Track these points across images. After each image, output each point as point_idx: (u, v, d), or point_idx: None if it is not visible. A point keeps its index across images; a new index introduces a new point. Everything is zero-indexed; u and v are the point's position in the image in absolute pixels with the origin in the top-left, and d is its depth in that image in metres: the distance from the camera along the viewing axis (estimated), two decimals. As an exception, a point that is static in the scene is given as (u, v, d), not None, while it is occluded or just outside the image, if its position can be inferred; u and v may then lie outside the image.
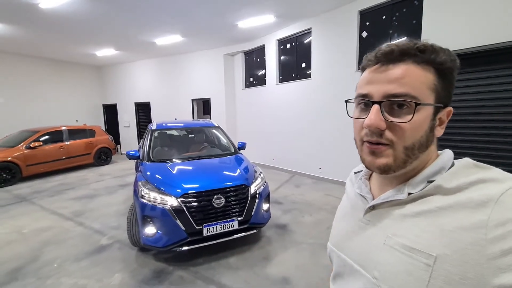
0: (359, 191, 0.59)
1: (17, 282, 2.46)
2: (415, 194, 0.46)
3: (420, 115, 0.45)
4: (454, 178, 0.44)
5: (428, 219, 0.43)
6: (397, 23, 4.31)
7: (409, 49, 0.46)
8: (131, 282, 2.43)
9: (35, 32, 5.94)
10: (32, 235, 3.43)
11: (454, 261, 0.38)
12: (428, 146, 0.48)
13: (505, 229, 0.36)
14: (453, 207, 0.41)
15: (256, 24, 5.73)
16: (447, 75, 0.47)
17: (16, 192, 5.36)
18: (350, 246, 0.56)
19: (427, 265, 0.40)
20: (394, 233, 0.47)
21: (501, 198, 0.38)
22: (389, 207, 0.50)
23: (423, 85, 0.45)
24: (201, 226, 2.56)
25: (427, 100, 0.45)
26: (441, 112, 0.48)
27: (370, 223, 0.53)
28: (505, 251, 0.35)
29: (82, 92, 9.82)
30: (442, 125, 0.49)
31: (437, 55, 0.46)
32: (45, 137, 6.69)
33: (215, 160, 3.42)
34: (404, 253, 0.44)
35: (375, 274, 0.47)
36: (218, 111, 7.93)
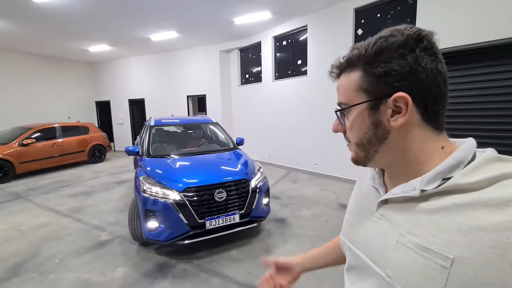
0: (372, 182, 0.58)
1: (19, 278, 2.46)
2: (430, 191, 0.44)
3: (353, 116, 0.50)
4: (474, 173, 0.40)
5: (445, 217, 0.41)
6: (392, 21, 4.40)
7: (338, 65, 0.53)
8: (135, 275, 2.46)
9: (27, 27, 5.82)
10: (31, 231, 3.41)
11: (474, 264, 0.36)
12: (381, 139, 0.48)
13: None
14: (472, 205, 0.38)
15: (252, 21, 5.75)
16: (370, 69, 0.46)
17: (10, 190, 5.28)
18: (362, 240, 0.56)
19: (443, 267, 0.38)
20: (407, 231, 0.45)
21: None
22: (403, 202, 0.48)
23: (348, 90, 0.50)
24: (203, 220, 2.61)
25: (355, 100, 0.49)
26: (384, 104, 0.46)
27: (383, 218, 0.51)
28: None
29: (74, 88, 9.66)
30: (402, 113, 0.45)
31: (350, 61, 0.49)
32: (38, 134, 6.58)
33: (215, 155, 3.46)
34: (419, 253, 0.42)
35: (388, 272, 0.46)
36: (213, 107, 7.93)
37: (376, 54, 0.46)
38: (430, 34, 0.47)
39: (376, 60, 0.46)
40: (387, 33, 0.46)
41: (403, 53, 0.44)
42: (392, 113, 0.46)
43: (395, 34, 0.46)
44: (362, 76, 0.47)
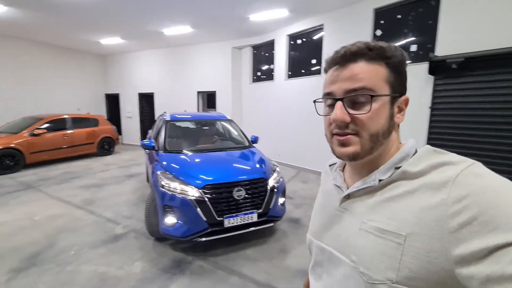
0: (335, 182, 0.63)
1: (37, 268, 2.46)
2: (385, 180, 0.51)
3: (378, 105, 0.51)
4: (417, 163, 0.49)
5: (398, 202, 0.48)
6: (413, 22, 4.32)
7: (360, 49, 0.52)
8: (152, 270, 2.45)
9: (42, 16, 5.80)
10: (45, 222, 3.41)
11: (422, 237, 0.43)
12: (390, 132, 0.53)
13: (461, 205, 0.40)
14: (419, 190, 0.46)
15: (268, 18, 5.69)
16: (397, 68, 0.53)
17: (21, 179, 5.30)
18: (328, 235, 0.60)
19: (398, 244, 0.45)
20: (368, 219, 0.51)
21: (457, 178, 0.43)
22: (362, 195, 0.55)
23: (376, 78, 0.51)
24: (222, 218, 2.58)
25: (382, 91, 0.51)
26: (398, 101, 0.54)
27: (346, 211, 0.57)
28: (461, 224, 0.40)
29: (84, 80, 9.65)
30: (401, 112, 0.55)
31: (384, 51, 0.52)
32: (49, 124, 6.59)
33: (232, 153, 3.43)
34: (378, 235, 0.48)
35: (353, 258, 0.51)
36: (223, 104, 7.90)
37: (404, 58, 0.54)
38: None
39: (403, 62, 0.54)
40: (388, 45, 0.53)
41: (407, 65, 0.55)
42: (398, 110, 0.54)
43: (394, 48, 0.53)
44: (389, 71, 0.52)
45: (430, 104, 4.07)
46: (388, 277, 0.45)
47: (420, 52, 4.24)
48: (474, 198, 0.40)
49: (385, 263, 0.46)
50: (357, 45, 0.52)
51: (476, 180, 0.42)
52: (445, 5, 3.80)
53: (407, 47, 4.37)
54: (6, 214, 3.63)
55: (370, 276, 0.47)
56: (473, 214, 0.39)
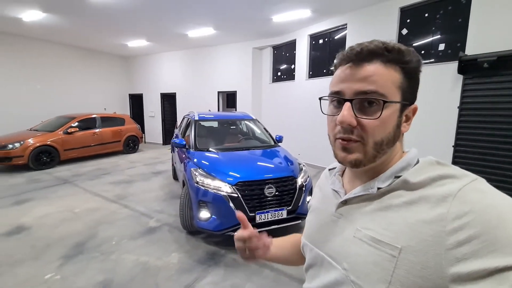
0: (333, 186, 0.62)
1: (84, 256, 2.67)
2: (384, 188, 0.50)
3: (388, 112, 0.48)
4: (418, 173, 0.47)
5: (395, 213, 0.46)
6: (441, 21, 4.25)
7: (377, 48, 0.48)
8: (189, 261, 2.60)
9: (77, 21, 6.16)
10: (84, 214, 3.66)
11: (417, 252, 0.41)
12: (395, 141, 0.51)
13: (461, 222, 0.39)
14: (417, 202, 0.44)
15: (290, 19, 5.75)
16: (412, 74, 0.50)
17: (57, 175, 5.67)
18: (322, 239, 0.59)
19: (392, 256, 0.43)
20: (363, 227, 0.50)
21: (458, 193, 0.41)
22: (360, 202, 0.53)
23: (390, 83, 0.48)
24: (253, 213, 2.69)
25: (394, 97, 0.48)
26: (407, 109, 0.51)
27: (342, 217, 0.56)
28: (460, 242, 0.38)
29: (110, 81, 10.10)
30: (408, 122, 0.52)
31: (403, 55, 0.48)
32: (80, 123, 6.98)
33: (259, 152, 3.53)
34: (372, 245, 0.47)
35: (344, 265, 0.50)
36: (243, 104, 8.03)
37: (420, 64, 0.50)
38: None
39: (418, 68, 0.50)
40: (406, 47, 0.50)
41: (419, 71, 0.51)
42: (405, 119, 0.52)
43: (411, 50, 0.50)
44: (404, 76, 0.49)
45: (459, 104, 3.99)
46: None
47: (449, 51, 4.17)
48: (475, 216, 0.39)
49: (377, 275, 0.45)
50: (375, 43, 0.49)
51: (478, 196, 0.41)
52: (476, 2, 3.72)
53: (435, 46, 4.31)
54: (48, 206, 3.92)
55: (360, 286, 0.47)
56: (474, 232, 0.38)
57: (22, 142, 5.85)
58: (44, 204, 3.99)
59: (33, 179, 5.33)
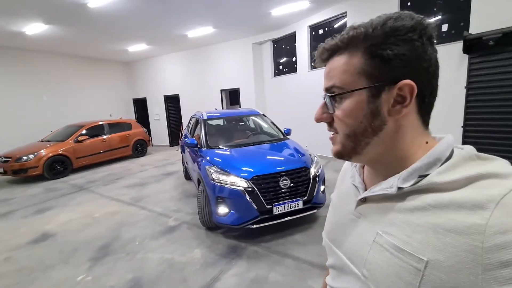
0: (352, 181, 0.58)
1: (111, 257, 2.78)
2: (406, 189, 0.43)
3: (350, 103, 0.45)
4: (450, 172, 0.40)
5: (420, 218, 0.40)
6: (443, 1, 4.22)
7: (332, 46, 0.47)
8: (212, 255, 2.69)
9: (78, 31, 6.24)
10: (104, 218, 3.78)
11: (447, 268, 0.35)
12: (376, 130, 0.45)
13: (506, 238, 0.32)
14: (448, 207, 0.37)
15: (289, 11, 5.74)
16: (377, 52, 0.42)
17: (72, 183, 5.81)
18: (341, 239, 0.55)
19: (417, 269, 0.38)
20: (384, 231, 0.45)
21: (503, 200, 0.33)
22: (380, 200, 0.48)
23: (346, 73, 0.45)
24: (271, 205, 2.76)
25: (355, 85, 0.44)
26: (386, 91, 0.43)
27: (361, 216, 0.51)
28: (504, 263, 0.32)
29: (113, 87, 10.21)
30: (407, 103, 0.43)
31: (353, 39, 0.44)
32: (89, 131, 7.11)
33: (271, 145, 3.59)
34: (394, 254, 0.42)
35: (364, 272, 0.46)
36: (247, 100, 8.06)
37: (387, 35, 0.42)
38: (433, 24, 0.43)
39: (386, 41, 0.42)
40: (395, 15, 0.43)
41: (412, 38, 0.41)
42: (394, 102, 0.43)
43: (403, 17, 0.42)
44: (366, 58, 0.43)
45: (466, 84, 3.98)
46: None
47: (452, 32, 4.15)
48: None
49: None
50: (330, 41, 0.48)
51: None
52: (478, -20, 3.69)
53: (438, 28, 4.27)
54: (69, 213, 4.04)
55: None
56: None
57: (36, 154, 6.00)
58: (65, 211, 4.12)
59: (50, 188, 5.47)
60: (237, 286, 2.25)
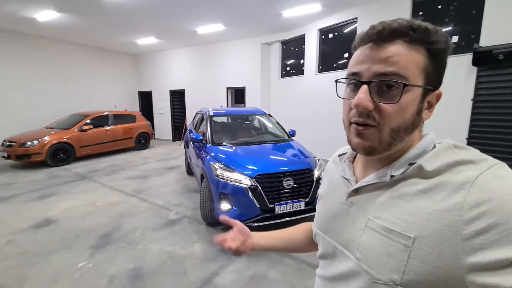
0: (343, 174, 0.60)
1: (111, 246, 2.80)
2: (397, 176, 0.48)
3: (408, 97, 0.45)
4: (434, 160, 0.45)
5: (408, 202, 0.45)
6: (455, 13, 4.23)
7: (401, 27, 0.45)
8: (212, 250, 2.71)
9: (90, 21, 6.28)
10: (106, 208, 3.81)
11: (432, 241, 0.40)
12: (413, 129, 0.48)
13: (479, 210, 0.37)
14: (432, 190, 0.43)
15: (300, 13, 5.76)
16: (439, 57, 0.46)
17: (74, 171, 5.84)
18: (334, 228, 0.58)
19: (406, 246, 0.42)
20: (375, 216, 0.48)
21: (476, 180, 0.39)
22: (372, 190, 0.51)
23: (413, 65, 0.44)
24: (273, 205, 2.78)
25: (416, 81, 0.45)
26: (430, 95, 0.48)
27: (353, 206, 0.54)
28: (478, 231, 0.37)
29: (120, 79, 10.26)
30: (430, 109, 0.49)
31: (429, 35, 0.44)
32: (94, 121, 7.14)
33: (276, 145, 3.62)
34: (384, 235, 0.46)
35: (357, 255, 0.50)
36: (252, 100, 8.09)
37: (447, 45, 0.46)
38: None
39: (446, 51, 0.46)
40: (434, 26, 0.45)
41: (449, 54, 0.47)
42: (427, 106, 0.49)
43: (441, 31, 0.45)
44: (429, 58, 0.45)
45: (473, 96, 4.00)
46: (391, 279, 0.43)
47: (462, 43, 4.16)
48: (495, 203, 0.37)
49: (390, 265, 0.44)
50: (399, 21, 0.45)
51: (498, 183, 0.39)
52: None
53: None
54: (72, 200, 4.08)
55: (372, 275, 0.46)
56: (493, 222, 0.36)
57: (40, 140, 6.03)
58: (67, 199, 4.15)
59: (52, 175, 5.51)
60: (236, 282, 2.27)
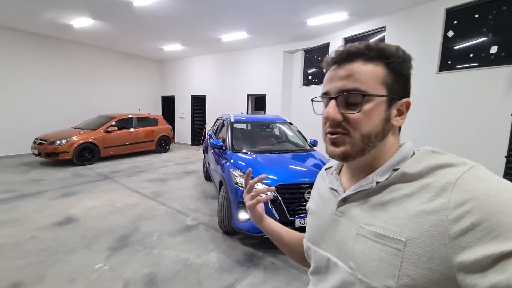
0: (331, 185, 0.62)
1: (129, 249, 2.80)
2: (383, 182, 0.50)
3: (371, 105, 0.50)
4: (415, 164, 0.48)
5: (396, 206, 0.46)
6: (494, 22, 3.97)
7: (358, 49, 0.51)
8: (228, 261, 2.63)
9: (122, 28, 6.57)
10: (125, 209, 3.85)
11: (422, 243, 0.41)
12: (385, 135, 0.52)
13: (463, 209, 0.39)
14: (417, 193, 0.45)
15: (326, 22, 5.68)
16: (397, 69, 0.51)
17: (98, 171, 6.04)
18: (325, 240, 0.58)
19: (398, 250, 0.43)
20: (365, 223, 0.49)
21: (458, 181, 0.41)
22: (360, 198, 0.53)
23: (371, 79, 0.50)
24: (293, 217, 2.67)
25: (377, 92, 0.50)
26: (396, 103, 0.52)
27: (343, 215, 0.55)
28: (464, 230, 0.38)
29: (145, 83, 10.63)
30: (402, 116, 0.53)
31: (384, 52, 0.51)
32: (118, 123, 7.40)
33: (297, 155, 3.51)
34: (376, 241, 0.46)
35: (351, 264, 0.50)
36: (273, 107, 8.04)
37: (406, 60, 0.52)
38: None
39: (403, 64, 0.52)
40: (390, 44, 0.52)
41: (410, 66, 0.53)
42: (397, 114, 0.53)
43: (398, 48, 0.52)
44: (387, 72, 0.51)
45: (514, 111, 3.69)
46: (387, 285, 0.44)
47: (502, 54, 3.88)
48: (476, 202, 0.39)
49: (384, 271, 0.44)
50: (356, 45, 0.52)
51: (478, 183, 0.41)
52: (537, 1, 3.44)
53: (486, 49, 4.03)
54: (93, 200, 4.18)
55: (368, 284, 0.46)
56: (476, 219, 0.38)
57: (68, 139, 6.32)
58: (89, 198, 4.26)
59: (77, 173, 5.72)
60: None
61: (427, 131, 4.62)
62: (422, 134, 4.61)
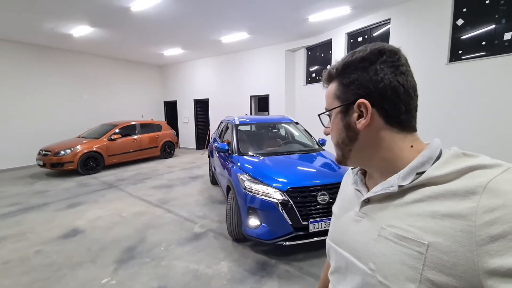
0: (355, 186, 0.62)
1: (136, 261, 2.69)
2: (406, 186, 0.48)
3: (332, 119, 0.58)
4: (444, 167, 0.45)
5: (420, 208, 0.45)
6: (506, 7, 3.79)
7: (329, 74, 0.58)
8: (239, 270, 2.50)
9: (120, 34, 6.52)
10: (131, 218, 3.75)
11: (446, 248, 0.39)
12: (352, 139, 0.54)
13: (493, 215, 0.36)
14: (444, 196, 0.42)
15: (328, 18, 5.54)
16: (340, 80, 0.55)
17: (103, 179, 5.97)
18: (347, 240, 0.58)
19: (420, 253, 0.42)
20: (388, 224, 0.48)
21: (489, 185, 0.39)
22: (383, 199, 0.52)
23: (330, 98, 0.57)
24: (307, 222, 2.52)
25: (333, 106, 0.57)
26: (352, 109, 0.53)
27: (366, 216, 0.55)
28: (493, 237, 0.36)
29: (146, 89, 10.59)
30: (365, 117, 0.52)
31: (343, 67, 0.54)
32: (122, 130, 7.34)
33: (306, 156, 3.37)
34: (398, 243, 0.45)
35: (371, 266, 0.49)
36: (276, 107, 7.91)
37: (344, 67, 0.54)
38: (394, 49, 0.51)
39: (344, 72, 0.54)
40: (358, 49, 0.53)
41: (364, 66, 0.51)
42: (358, 117, 0.53)
43: (361, 49, 0.52)
44: (337, 85, 0.56)
45: (533, 99, 3.50)
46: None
47: (517, 40, 3.69)
48: (509, 210, 0.36)
49: (405, 274, 0.43)
50: (329, 70, 0.58)
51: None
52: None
53: (499, 36, 3.84)
54: (99, 210, 4.09)
55: (388, 286, 0.45)
56: (508, 227, 0.35)
57: (72, 149, 6.27)
58: (95, 208, 4.18)
59: (82, 183, 5.66)
60: (268, 309, 2.03)
61: (438, 127, 4.44)
62: (434, 129, 4.43)
